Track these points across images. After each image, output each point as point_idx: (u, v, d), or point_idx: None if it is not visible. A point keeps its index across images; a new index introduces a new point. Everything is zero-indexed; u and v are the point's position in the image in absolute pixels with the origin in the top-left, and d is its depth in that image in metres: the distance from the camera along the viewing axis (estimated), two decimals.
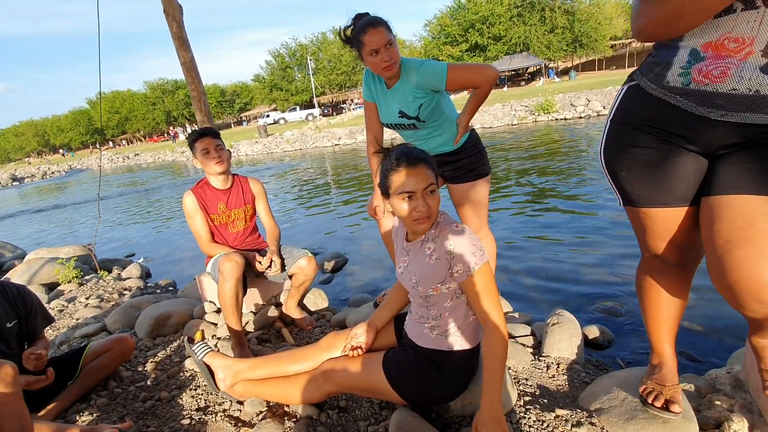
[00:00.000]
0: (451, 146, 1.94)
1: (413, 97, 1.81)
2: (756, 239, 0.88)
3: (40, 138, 68.49)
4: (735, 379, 1.47)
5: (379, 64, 1.72)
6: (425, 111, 1.84)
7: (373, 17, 1.71)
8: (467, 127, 1.86)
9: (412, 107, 1.83)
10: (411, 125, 1.91)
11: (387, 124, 1.97)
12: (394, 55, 1.71)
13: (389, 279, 3.33)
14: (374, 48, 1.68)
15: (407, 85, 1.80)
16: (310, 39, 44.95)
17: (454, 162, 1.98)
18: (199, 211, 2.23)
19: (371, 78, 1.92)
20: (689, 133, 1.00)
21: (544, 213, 4.48)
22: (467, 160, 1.97)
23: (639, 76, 1.08)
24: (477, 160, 1.98)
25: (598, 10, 32.98)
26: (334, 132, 19.73)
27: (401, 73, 1.80)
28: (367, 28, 1.67)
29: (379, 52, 1.68)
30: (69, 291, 3.67)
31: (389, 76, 1.79)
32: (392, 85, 1.85)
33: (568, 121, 13.48)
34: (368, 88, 1.95)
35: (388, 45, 1.69)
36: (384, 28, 1.68)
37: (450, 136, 1.93)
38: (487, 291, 1.25)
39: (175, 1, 3.07)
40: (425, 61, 1.77)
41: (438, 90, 1.80)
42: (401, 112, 1.87)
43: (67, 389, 1.85)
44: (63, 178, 26.06)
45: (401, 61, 1.78)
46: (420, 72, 1.76)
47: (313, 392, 1.50)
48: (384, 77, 1.84)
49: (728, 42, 0.88)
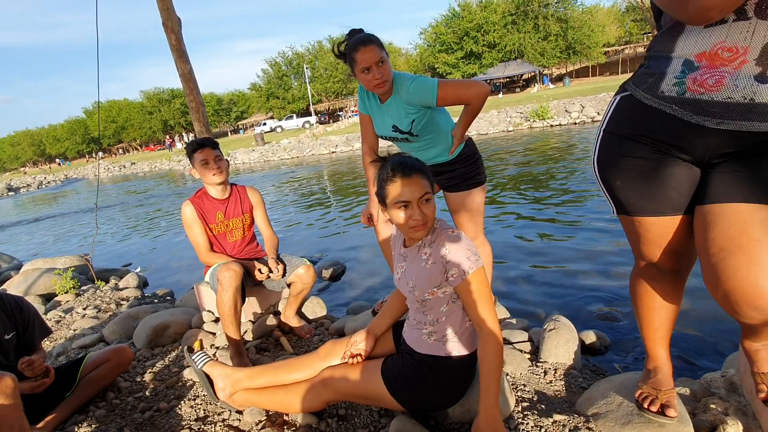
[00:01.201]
0: (446, 157, 1.96)
1: (405, 113, 1.82)
2: (749, 247, 0.89)
3: (36, 147, 68.36)
4: (729, 382, 1.49)
5: (370, 82, 1.73)
6: (418, 126, 1.85)
7: (366, 35, 1.72)
8: (462, 139, 1.89)
9: (404, 122, 1.85)
10: (404, 138, 1.93)
11: (381, 136, 2.00)
12: (385, 72, 1.72)
13: (387, 287, 3.34)
14: (366, 66, 1.69)
15: (399, 100, 1.82)
16: (307, 47, 45.35)
17: (449, 172, 2.00)
18: (197, 220, 2.24)
19: (365, 92, 1.94)
20: (683, 142, 1.02)
21: (539, 219, 4.51)
22: (463, 170, 1.99)
23: (632, 86, 1.09)
24: (472, 169, 2.00)
25: (590, 17, 33.45)
26: (331, 139, 19.81)
27: (393, 89, 1.82)
28: (359, 46, 1.68)
29: (371, 70, 1.70)
30: (66, 302, 3.65)
31: (380, 93, 1.80)
32: (385, 101, 1.86)
33: (563, 127, 13.59)
34: (362, 102, 1.97)
35: (380, 63, 1.70)
36: (376, 46, 1.69)
37: (445, 147, 1.95)
38: (481, 296, 1.27)
39: (173, 14, 3.11)
40: (416, 78, 1.78)
41: (429, 106, 1.81)
42: (394, 126, 1.89)
43: (66, 400, 1.84)
44: (59, 188, 25.97)
45: (393, 76, 1.79)
46: (411, 89, 1.76)
47: (312, 401, 1.51)
48: (376, 93, 1.86)
49: (722, 51, 0.89)
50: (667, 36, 1.00)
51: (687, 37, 0.95)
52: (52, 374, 1.72)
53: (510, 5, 34.34)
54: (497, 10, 34.16)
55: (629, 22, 39.06)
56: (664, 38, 1.01)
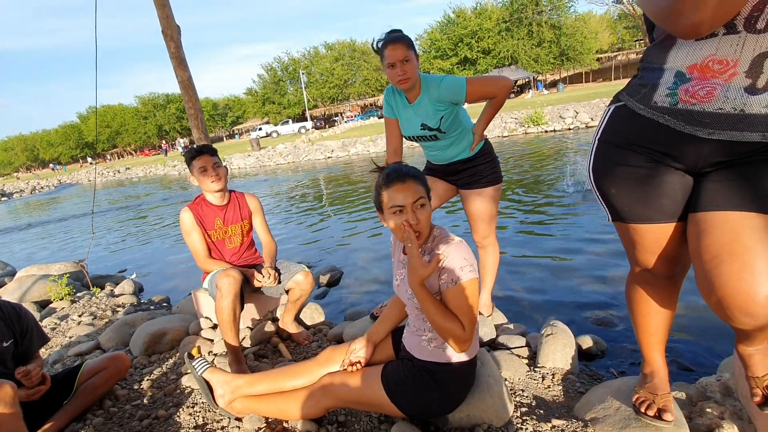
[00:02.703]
0: (467, 153, 2.06)
1: (434, 110, 1.93)
2: (741, 254, 0.92)
3: (29, 153, 67.84)
4: (725, 386, 1.51)
5: (395, 77, 1.86)
6: (446, 122, 1.96)
7: (398, 34, 1.85)
8: (482, 135, 2.01)
9: (434, 119, 1.95)
10: (432, 136, 2.02)
11: (409, 136, 2.09)
12: (408, 70, 1.83)
13: (385, 292, 3.35)
14: (391, 62, 1.82)
15: (428, 99, 1.92)
16: (303, 53, 45.55)
17: (470, 168, 2.09)
18: (196, 227, 2.25)
19: (392, 95, 2.05)
20: (675, 151, 1.04)
21: (536, 225, 4.54)
22: (482, 166, 2.09)
23: (626, 96, 1.12)
24: (490, 167, 2.10)
25: (583, 24, 33.91)
26: (327, 145, 19.83)
27: (422, 89, 1.92)
28: (388, 44, 1.83)
29: (395, 66, 1.83)
30: (61, 308, 3.63)
31: (404, 89, 1.92)
32: (414, 100, 1.97)
33: (557, 132, 13.71)
34: (389, 105, 2.07)
35: (405, 61, 1.82)
36: (403, 45, 1.82)
37: (467, 144, 2.06)
38: (464, 304, 1.26)
39: (173, 22, 3.12)
40: (445, 77, 1.92)
41: (457, 102, 1.93)
42: (423, 125, 1.99)
43: (63, 409, 1.83)
44: (52, 193, 25.75)
45: (422, 77, 1.91)
46: (441, 86, 1.88)
47: (311, 407, 1.51)
48: (401, 90, 1.97)
49: (713, 64, 0.92)
50: (659, 48, 1.03)
51: (679, 50, 0.98)
52: (48, 381, 1.71)
53: (504, 12, 34.75)
54: (491, 17, 34.56)
55: (621, 29, 39.60)
56: (657, 50, 1.03)
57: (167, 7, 3.15)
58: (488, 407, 1.46)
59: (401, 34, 1.87)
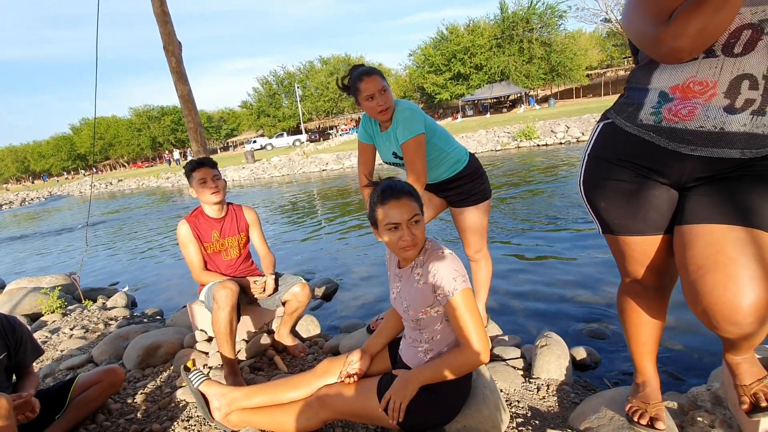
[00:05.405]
0: (451, 172, 2.07)
1: (398, 145, 1.95)
2: (725, 265, 0.96)
3: (19, 164, 67.23)
4: (715, 396, 1.53)
5: (374, 108, 1.86)
6: None
7: (369, 67, 1.88)
8: None
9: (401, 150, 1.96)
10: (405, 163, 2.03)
11: (386, 162, 2.13)
12: (387, 100, 1.87)
13: (380, 304, 3.36)
14: (369, 93, 1.84)
15: (394, 135, 1.95)
16: (298, 67, 46.03)
17: (455, 188, 2.11)
18: (193, 240, 2.26)
19: (368, 122, 2.07)
20: (661, 166, 1.10)
21: (529, 237, 4.60)
22: (469, 185, 2.10)
23: (613, 114, 1.18)
24: (478, 185, 2.11)
25: (573, 41, 34.72)
26: (322, 157, 19.91)
27: (393, 119, 1.94)
28: (363, 77, 1.84)
29: (374, 98, 1.85)
30: (52, 322, 3.58)
31: (384, 119, 1.93)
32: (385, 129, 2.00)
33: (549, 146, 13.92)
34: (365, 132, 2.10)
35: (382, 91, 1.84)
36: (378, 76, 1.85)
37: (448, 165, 2.06)
38: (465, 316, 1.29)
39: (174, 38, 3.18)
40: (407, 114, 1.88)
41: None
42: (394, 153, 2.02)
43: (55, 423, 1.80)
44: (43, 205, 25.46)
45: (395, 106, 1.92)
46: (397, 121, 1.90)
47: (308, 420, 1.51)
48: (379, 121, 1.98)
49: (693, 85, 0.98)
50: (644, 70, 1.09)
51: (662, 72, 1.03)
52: (37, 410, 1.63)
53: (496, 29, 35.55)
54: (484, 34, 35.32)
55: (610, 47, 40.56)
56: (641, 72, 1.10)
57: (169, 24, 3.21)
58: (484, 418, 1.47)
59: (371, 66, 1.89)
